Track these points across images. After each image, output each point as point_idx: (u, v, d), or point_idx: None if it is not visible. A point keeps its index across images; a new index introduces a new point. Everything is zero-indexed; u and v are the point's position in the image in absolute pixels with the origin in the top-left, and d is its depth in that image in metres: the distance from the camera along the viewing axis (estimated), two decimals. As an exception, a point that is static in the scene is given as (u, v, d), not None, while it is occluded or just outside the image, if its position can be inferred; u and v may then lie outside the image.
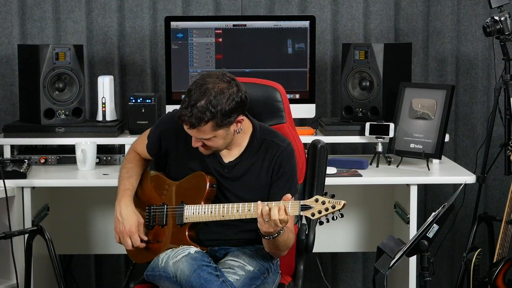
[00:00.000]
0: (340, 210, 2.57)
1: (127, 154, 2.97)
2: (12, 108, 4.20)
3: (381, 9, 4.27)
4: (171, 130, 2.84)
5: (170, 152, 2.85)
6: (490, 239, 3.89)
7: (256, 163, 2.79)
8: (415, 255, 2.78)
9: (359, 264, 4.42)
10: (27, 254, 3.24)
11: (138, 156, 2.94)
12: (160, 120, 2.93)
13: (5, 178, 3.26)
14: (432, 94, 3.70)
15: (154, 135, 2.88)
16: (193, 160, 2.81)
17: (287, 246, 2.77)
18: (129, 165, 2.93)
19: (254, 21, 3.92)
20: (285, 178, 2.79)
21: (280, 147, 2.80)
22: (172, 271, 2.61)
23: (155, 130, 2.89)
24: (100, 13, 4.20)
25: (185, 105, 2.63)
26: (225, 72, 2.70)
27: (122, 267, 4.29)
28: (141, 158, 2.94)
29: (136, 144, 2.98)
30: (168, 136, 2.84)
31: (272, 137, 2.82)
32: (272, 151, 2.80)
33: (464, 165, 4.01)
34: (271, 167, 2.79)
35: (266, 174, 2.79)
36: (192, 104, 2.62)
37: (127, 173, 2.91)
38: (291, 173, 2.80)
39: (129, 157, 2.95)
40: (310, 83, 3.94)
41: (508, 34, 3.75)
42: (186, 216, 2.76)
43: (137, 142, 2.98)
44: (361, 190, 3.93)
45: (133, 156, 2.95)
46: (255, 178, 2.79)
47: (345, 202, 2.57)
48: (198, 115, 2.62)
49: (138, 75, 4.25)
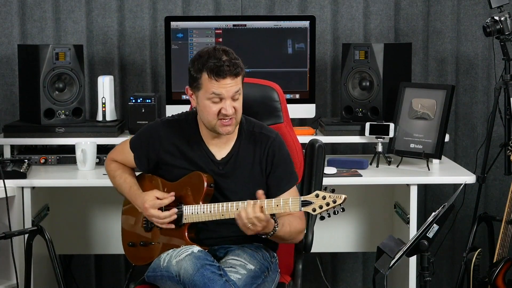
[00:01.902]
0: (341, 204, 2.57)
1: (109, 165, 2.96)
2: (12, 108, 4.20)
3: (381, 9, 4.27)
4: (155, 142, 2.83)
5: (160, 162, 2.84)
6: (490, 239, 3.89)
7: (247, 156, 2.80)
8: (415, 255, 2.78)
9: (359, 264, 4.42)
10: (27, 254, 3.23)
11: (120, 164, 2.94)
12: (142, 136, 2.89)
13: (5, 178, 3.26)
14: (432, 94, 3.70)
15: (141, 153, 2.87)
16: (185, 162, 2.80)
17: (295, 234, 2.77)
18: (118, 172, 2.93)
19: (254, 21, 3.93)
20: (281, 167, 2.80)
21: (270, 138, 2.81)
22: (175, 270, 2.60)
23: (139, 147, 2.87)
24: (100, 13, 4.20)
25: (218, 61, 2.65)
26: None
27: (122, 267, 4.29)
28: (124, 165, 2.94)
29: (114, 156, 2.96)
30: (154, 149, 2.83)
31: (260, 129, 2.84)
32: (262, 142, 2.81)
33: (464, 165, 4.02)
34: (264, 159, 2.79)
35: (260, 166, 2.79)
36: (229, 57, 2.67)
37: (121, 178, 2.91)
38: (285, 161, 2.81)
39: (113, 167, 2.95)
40: (310, 83, 3.94)
41: (508, 34, 3.75)
42: (185, 216, 2.76)
43: (115, 154, 2.97)
44: (361, 190, 3.93)
45: (116, 165, 2.95)
46: (249, 171, 2.79)
47: (346, 196, 2.57)
48: (236, 63, 2.67)
49: (138, 75, 4.25)
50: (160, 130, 2.84)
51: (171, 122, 2.86)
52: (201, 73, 2.68)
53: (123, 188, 2.90)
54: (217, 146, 2.81)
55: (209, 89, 2.67)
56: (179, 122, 2.85)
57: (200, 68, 2.68)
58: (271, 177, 2.80)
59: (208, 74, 2.66)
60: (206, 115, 2.73)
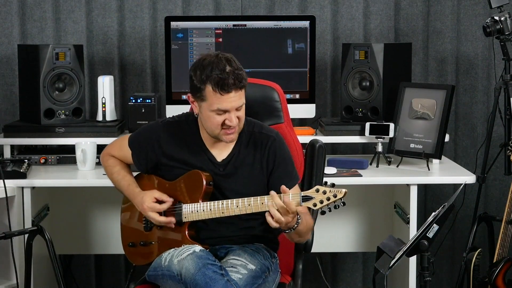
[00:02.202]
0: (342, 198, 2.56)
1: (107, 161, 2.95)
2: (12, 108, 4.20)
3: (381, 9, 4.27)
4: (155, 142, 2.82)
5: (159, 162, 2.84)
6: (490, 239, 3.89)
7: (248, 156, 2.80)
8: (415, 255, 2.78)
9: (359, 264, 4.42)
10: (27, 254, 3.23)
11: (117, 160, 2.94)
12: (141, 136, 2.88)
13: (5, 178, 3.26)
14: (432, 94, 3.70)
15: (140, 152, 2.86)
16: (184, 164, 2.80)
17: (308, 230, 2.78)
18: (116, 169, 2.92)
19: (254, 21, 3.92)
20: (282, 167, 2.80)
21: (270, 137, 2.81)
22: (177, 270, 2.59)
23: (138, 146, 2.86)
24: (100, 13, 4.20)
25: (221, 73, 2.61)
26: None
27: (122, 267, 4.29)
28: (121, 162, 2.94)
29: (111, 151, 2.96)
30: (154, 150, 2.83)
31: (260, 129, 2.84)
32: (263, 142, 2.80)
33: (464, 165, 4.01)
34: (265, 159, 2.79)
35: (261, 166, 2.79)
36: (232, 67, 2.63)
37: (119, 175, 2.90)
38: (286, 160, 2.81)
39: (110, 163, 2.94)
40: (310, 83, 3.94)
41: (508, 34, 3.75)
42: (185, 215, 2.76)
43: (113, 149, 2.96)
44: (361, 190, 3.93)
45: (113, 161, 2.94)
46: (249, 171, 2.79)
47: (346, 190, 2.56)
48: (240, 74, 2.65)
49: (138, 75, 4.25)
50: (160, 132, 2.83)
51: (171, 124, 2.85)
52: (205, 85, 2.64)
53: (121, 185, 2.89)
54: (217, 148, 2.81)
55: (214, 103, 2.65)
56: (179, 124, 2.85)
57: (204, 79, 2.64)
58: (272, 176, 2.80)
59: (213, 87, 2.63)
60: (209, 125, 2.71)
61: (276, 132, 2.86)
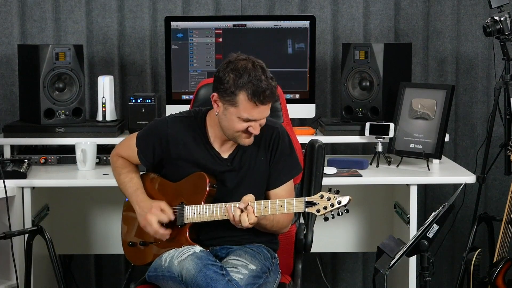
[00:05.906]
0: (346, 205, 2.56)
1: (116, 162, 2.93)
2: (12, 108, 4.20)
3: (381, 9, 4.27)
4: (162, 137, 2.82)
5: (165, 158, 2.83)
6: (490, 239, 3.89)
7: (253, 150, 2.80)
8: (415, 255, 2.78)
9: (359, 264, 4.43)
10: (27, 254, 3.23)
11: (127, 161, 2.92)
12: (148, 130, 2.87)
13: (5, 178, 3.26)
14: (432, 94, 3.70)
15: (146, 147, 2.85)
16: (191, 161, 2.80)
17: (278, 227, 2.80)
18: (125, 170, 2.91)
19: (254, 21, 3.92)
20: (283, 158, 2.81)
21: (274, 129, 2.82)
22: (177, 271, 2.59)
23: (145, 141, 2.85)
24: (100, 13, 4.20)
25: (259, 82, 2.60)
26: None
27: (122, 267, 4.29)
28: (131, 163, 2.93)
29: (120, 151, 2.94)
30: (161, 144, 2.82)
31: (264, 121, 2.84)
32: (267, 134, 2.81)
33: (464, 165, 4.01)
34: (269, 149, 2.81)
35: (265, 157, 2.80)
36: (265, 76, 2.63)
37: (127, 177, 2.89)
38: (286, 152, 2.82)
39: (120, 164, 2.92)
40: (310, 83, 3.94)
41: (508, 34, 3.75)
42: (186, 216, 2.76)
43: (121, 149, 2.94)
44: (361, 190, 3.93)
45: (123, 162, 2.92)
46: (255, 164, 2.80)
47: (351, 197, 2.57)
48: (275, 86, 2.66)
49: (138, 75, 4.25)
50: (168, 127, 2.82)
51: (178, 120, 2.84)
52: (240, 91, 2.62)
53: (127, 187, 2.88)
54: (224, 146, 2.81)
55: (245, 111, 2.64)
56: (186, 120, 2.83)
57: (240, 85, 2.62)
58: (273, 167, 2.81)
59: (249, 96, 2.62)
60: (231, 127, 2.70)
61: (280, 123, 2.89)
